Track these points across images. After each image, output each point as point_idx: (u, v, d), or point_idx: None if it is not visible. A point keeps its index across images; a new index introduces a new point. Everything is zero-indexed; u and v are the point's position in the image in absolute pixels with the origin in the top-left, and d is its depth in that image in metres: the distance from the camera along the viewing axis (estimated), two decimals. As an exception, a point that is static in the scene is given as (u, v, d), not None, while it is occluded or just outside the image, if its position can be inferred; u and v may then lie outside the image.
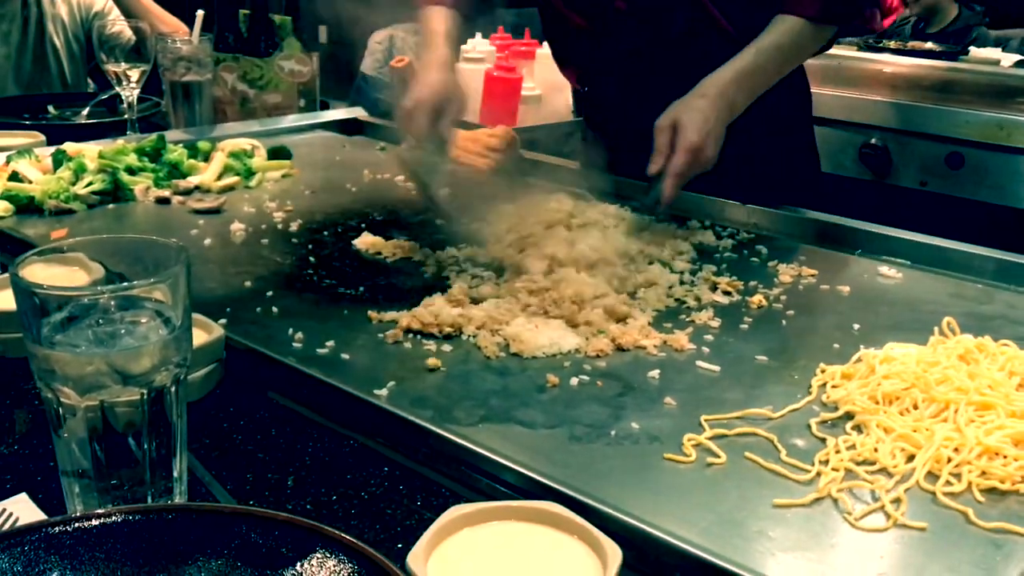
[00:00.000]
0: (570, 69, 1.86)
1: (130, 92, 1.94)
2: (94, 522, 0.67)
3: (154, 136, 1.71)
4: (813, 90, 1.80)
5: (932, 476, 0.84)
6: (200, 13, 2.00)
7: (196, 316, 1.01)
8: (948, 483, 0.83)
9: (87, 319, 0.71)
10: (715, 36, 1.56)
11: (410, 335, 1.10)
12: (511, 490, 0.80)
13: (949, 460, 0.85)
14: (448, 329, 1.10)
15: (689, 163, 1.42)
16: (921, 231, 1.47)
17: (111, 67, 1.93)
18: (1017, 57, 3.51)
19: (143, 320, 0.73)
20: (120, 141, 1.74)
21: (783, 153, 1.71)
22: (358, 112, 2.22)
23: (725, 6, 1.57)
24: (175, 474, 0.77)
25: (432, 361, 1.03)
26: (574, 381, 1.00)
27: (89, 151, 1.63)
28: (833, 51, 3.09)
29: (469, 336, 1.10)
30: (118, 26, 2.24)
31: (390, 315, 1.13)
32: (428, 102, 1.46)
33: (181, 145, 1.73)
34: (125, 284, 0.72)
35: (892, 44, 3.71)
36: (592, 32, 1.66)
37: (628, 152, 1.56)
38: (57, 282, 0.72)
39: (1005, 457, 0.85)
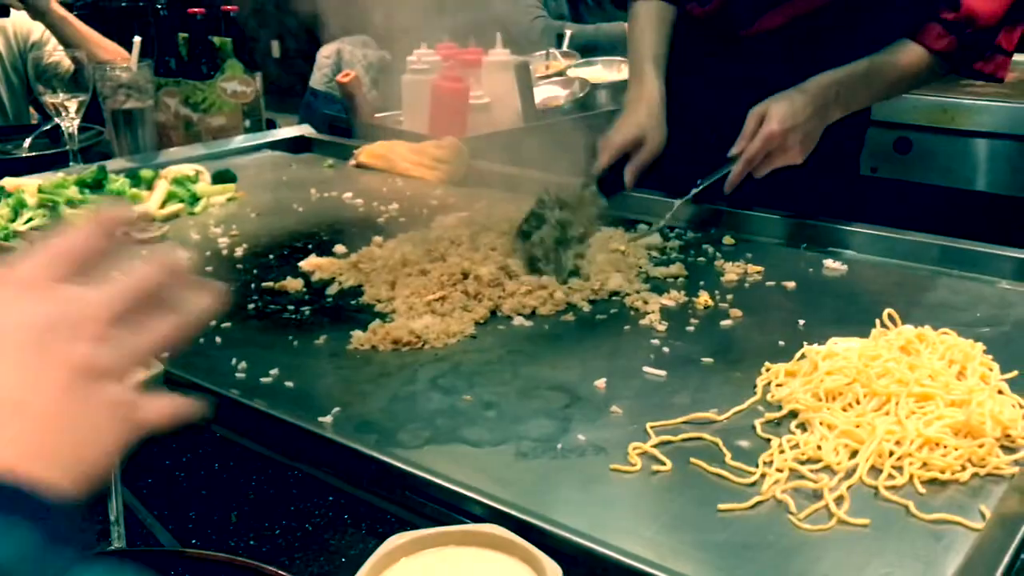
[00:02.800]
0: None
1: (70, 123, 1.91)
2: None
3: (95, 167, 1.69)
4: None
5: (876, 470, 0.85)
6: (137, 39, 1.98)
7: (134, 353, 1.00)
8: (891, 476, 0.84)
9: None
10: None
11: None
12: (456, 513, 0.80)
13: (891, 454, 0.86)
14: (410, 339, 1.12)
15: (763, 151, 1.42)
16: (875, 217, 1.48)
17: (48, 99, 1.90)
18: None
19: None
20: (61, 174, 1.72)
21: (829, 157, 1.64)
22: (305, 129, 2.21)
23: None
24: (112, 517, 0.75)
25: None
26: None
27: (28, 186, 1.61)
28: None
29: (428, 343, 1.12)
30: (56, 56, 2.21)
31: (362, 336, 1.13)
32: (618, 147, 1.53)
33: (123, 174, 1.71)
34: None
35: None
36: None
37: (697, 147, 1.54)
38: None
39: (945, 447, 0.86)
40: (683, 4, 1.66)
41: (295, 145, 2.16)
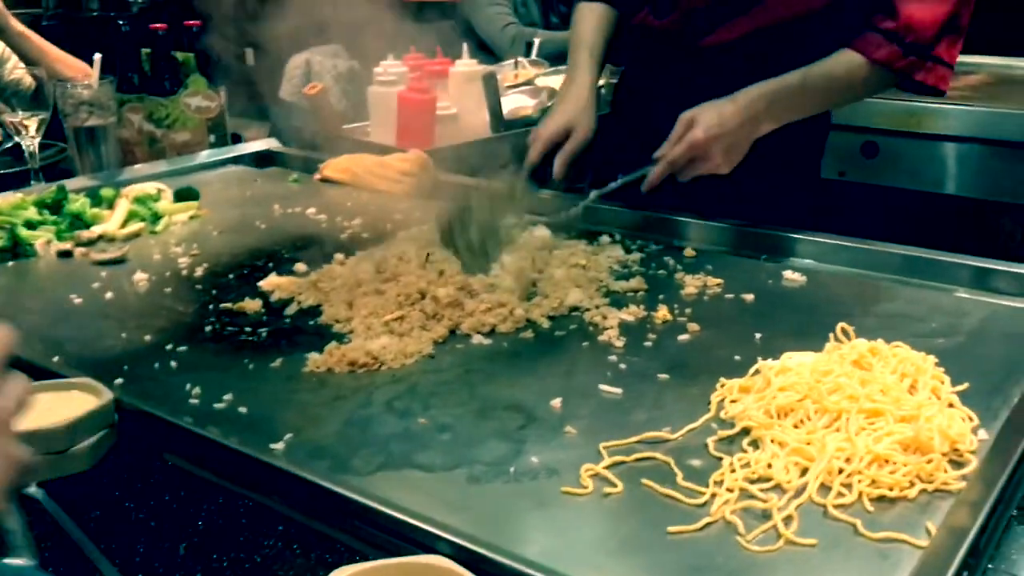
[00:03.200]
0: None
1: (30, 142, 1.89)
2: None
3: (54, 187, 1.68)
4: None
5: (826, 488, 0.85)
6: (98, 56, 1.96)
7: (84, 380, 0.99)
8: (840, 494, 0.84)
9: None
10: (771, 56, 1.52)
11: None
12: (406, 542, 0.79)
13: (841, 471, 0.86)
14: (367, 360, 1.12)
15: (685, 157, 1.44)
16: (842, 221, 1.49)
17: (8, 117, 1.88)
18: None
19: None
20: (19, 194, 1.70)
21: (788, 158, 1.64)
22: (270, 143, 2.21)
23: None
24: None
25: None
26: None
27: (-15, 207, 1.59)
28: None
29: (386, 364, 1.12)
30: (16, 73, 2.19)
31: (318, 358, 1.13)
32: (547, 138, 1.58)
33: (85, 193, 1.70)
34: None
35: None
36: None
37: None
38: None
39: (894, 463, 0.86)
40: (631, 12, 1.67)
41: (261, 159, 2.15)
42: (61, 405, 0.95)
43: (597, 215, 1.60)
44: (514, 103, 2.58)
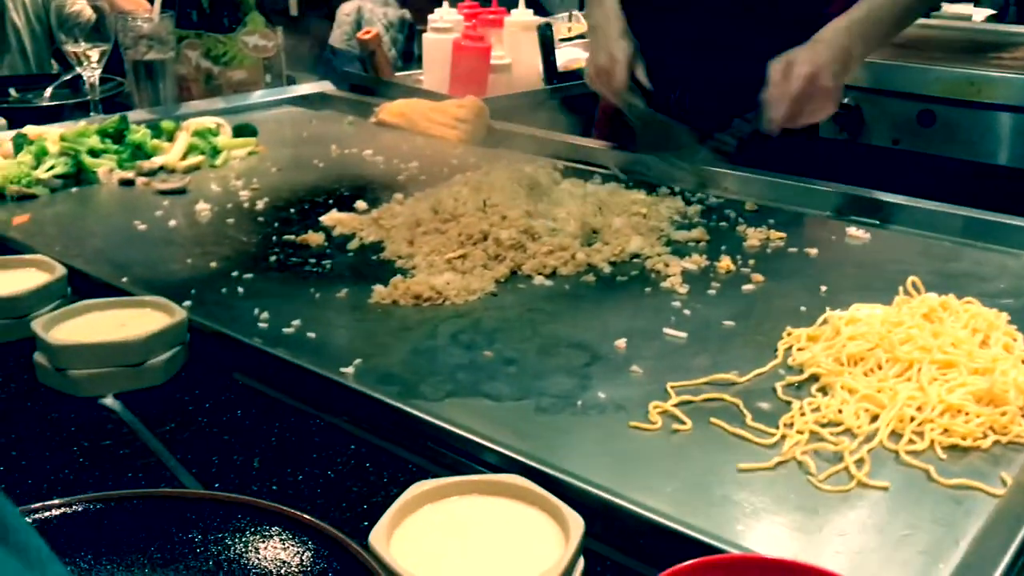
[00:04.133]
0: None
1: (91, 73, 1.91)
2: (54, 512, 0.67)
3: (116, 117, 1.69)
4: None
5: (896, 435, 0.85)
6: (160, -10, 1.97)
7: (158, 299, 1.01)
8: (911, 441, 0.84)
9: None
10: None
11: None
12: (477, 464, 0.80)
13: (912, 419, 0.86)
14: (431, 295, 1.12)
15: (804, 91, 1.42)
16: (895, 189, 1.47)
17: (70, 47, 1.89)
18: (989, 12, 3.51)
19: None
20: (82, 123, 1.72)
21: None
22: (325, 86, 2.21)
23: None
24: None
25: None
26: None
27: (50, 134, 1.61)
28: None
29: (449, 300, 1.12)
30: (78, 4, 2.19)
31: (384, 290, 1.13)
32: (623, 61, 1.59)
33: (144, 125, 1.71)
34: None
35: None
36: None
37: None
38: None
39: (967, 414, 0.86)
40: None
41: (315, 101, 2.15)
42: (136, 320, 0.97)
43: (653, 169, 1.60)
44: (567, 56, 2.57)
